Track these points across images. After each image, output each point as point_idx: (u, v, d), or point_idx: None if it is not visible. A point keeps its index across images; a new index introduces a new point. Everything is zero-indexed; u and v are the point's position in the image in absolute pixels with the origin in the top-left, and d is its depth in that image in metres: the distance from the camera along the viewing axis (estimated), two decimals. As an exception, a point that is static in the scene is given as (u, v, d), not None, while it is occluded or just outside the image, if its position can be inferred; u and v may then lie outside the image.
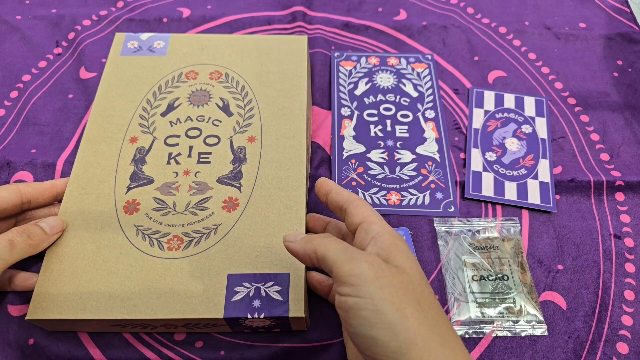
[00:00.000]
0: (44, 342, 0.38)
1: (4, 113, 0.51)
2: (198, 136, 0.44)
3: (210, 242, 0.38)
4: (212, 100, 0.46)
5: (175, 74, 0.48)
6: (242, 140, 0.44)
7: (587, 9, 0.63)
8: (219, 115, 0.45)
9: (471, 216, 0.46)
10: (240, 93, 0.47)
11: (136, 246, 0.38)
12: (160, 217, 0.40)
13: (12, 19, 0.58)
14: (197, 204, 0.40)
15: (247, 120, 0.45)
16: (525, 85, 0.56)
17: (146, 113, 0.45)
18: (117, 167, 0.42)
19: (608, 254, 0.45)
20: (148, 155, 0.43)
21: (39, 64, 0.55)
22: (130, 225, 0.39)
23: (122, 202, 0.40)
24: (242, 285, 0.36)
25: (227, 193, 0.41)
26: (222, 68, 0.49)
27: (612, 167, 0.50)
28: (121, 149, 0.43)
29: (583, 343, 0.40)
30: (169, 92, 0.47)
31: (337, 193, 0.35)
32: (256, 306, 0.35)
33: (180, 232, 0.39)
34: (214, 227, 0.39)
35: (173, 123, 0.45)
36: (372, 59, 0.57)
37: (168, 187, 0.41)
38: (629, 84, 0.56)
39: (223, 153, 0.43)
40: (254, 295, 0.36)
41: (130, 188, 0.41)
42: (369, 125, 0.51)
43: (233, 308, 0.35)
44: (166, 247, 0.38)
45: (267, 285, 0.36)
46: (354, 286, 0.27)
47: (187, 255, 0.38)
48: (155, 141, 0.44)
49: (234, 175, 0.42)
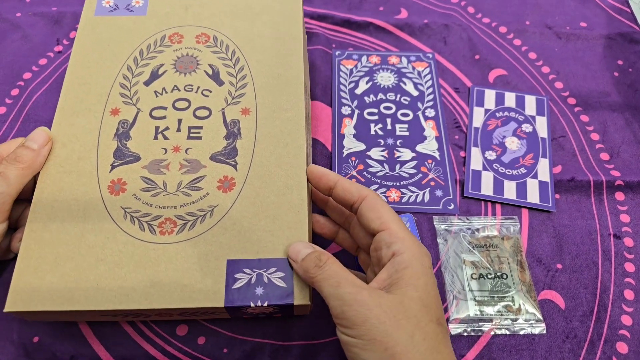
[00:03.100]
0: (48, 340, 0.38)
1: (5, 111, 0.51)
2: (187, 108, 0.40)
3: (206, 225, 0.36)
4: (200, 67, 0.42)
5: (157, 36, 0.44)
6: (235, 112, 0.40)
7: (588, 9, 0.63)
8: (209, 84, 0.41)
9: (471, 214, 0.46)
10: (231, 59, 0.43)
11: (125, 230, 0.35)
12: (150, 198, 0.36)
13: (13, 16, 0.58)
14: (189, 183, 0.37)
15: (240, 90, 0.41)
16: (526, 84, 0.56)
17: (127, 82, 0.41)
18: (99, 142, 0.38)
19: (607, 254, 0.45)
20: (132, 130, 0.39)
21: (40, 61, 0.55)
22: (117, 207, 0.36)
23: (106, 182, 0.37)
24: (242, 271, 0.34)
25: (222, 172, 0.38)
26: (210, 30, 0.44)
27: (612, 167, 0.50)
28: (102, 123, 0.39)
29: (581, 342, 0.40)
30: (151, 57, 0.42)
31: (343, 189, 0.34)
32: (259, 294, 0.33)
33: (173, 214, 0.36)
34: (209, 209, 0.36)
35: (158, 93, 0.41)
36: (373, 58, 0.57)
37: (157, 165, 0.38)
38: (629, 84, 0.56)
39: (215, 127, 0.39)
40: (255, 282, 0.34)
41: (114, 166, 0.37)
42: (369, 123, 0.51)
43: (234, 296, 0.33)
44: (158, 231, 0.35)
45: (270, 272, 0.34)
46: (346, 327, 0.29)
47: (181, 239, 0.35)
48: (139, 113, 0.40)
49: (228, 152, 0.38)
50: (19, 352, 0.38)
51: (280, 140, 0.39)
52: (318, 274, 0.31)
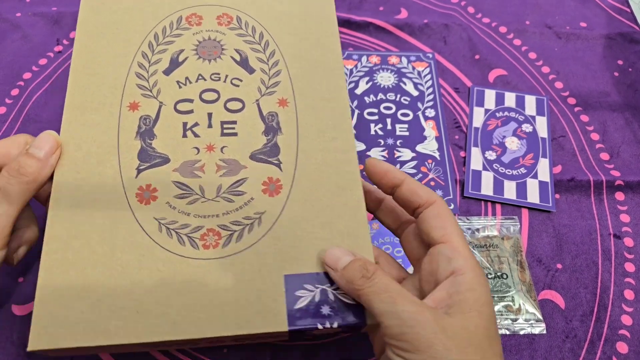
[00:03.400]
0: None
1: (5, 111, 0.51)
2: (216, 100, 0.35)
3: (255, 235, 0.31)
4: (225, 52, 0.37)
5: (172, 18, 0.38)
6: (271, 104, 0.35)
7: (588, 9, 0.63)
8: (238, 72, 0.36)
9: (471, 214, 0.46)
10: (259, 42, 0.38)
11: (162, 245, 0.30)
12: (187, 206, 0.31)
13: (13, 16, 0.58)
14: (230, 187, 0.32)
15: (274, 78, 0.36)
16: (526, 84, 0.56)
17: (144, 70, 0.36)
18: (119, 142, 0.33)
19: (607, 254, 0.45)
20: (157, 126, 0.34)
21: (40, 61, 0.55)
22: (150, 219, 0.31)
23: (133, 189, 0.31)
24: (304, 288, 0.29)
25: (266, 172, 0.33)
26: (232, 10, 0.39)
27: (611, 167, 0.50)
28: (120, 119, 0.34)
29: (581, 342, 0.40)
30: (168, 42, 0.37)
31: (410, 190, 0.30)
32: (325, 313, 0.29)
33: (216, 224, 0.31)
34: (256, 216, 0.31)
35: (181, 84, 0.35)
36: (373, 58, 0.57)
37: (190, 168, 0.33)
38: (629, 84, 0.56)
39: (251, 121, 0.35)
40: (320, 300, 0.29)
41: (140, 170, 0.32)
42: (369, 123, 0.51)
43: (298, 317, 0.29)
44: (200, 244, 0.30)
45: (335, 287, 0.30)
46: (406, 350, 0.26)
47: (229, 253, 0.30)
48: (162, 107, 0.34)
49: (270, 149, 0.34)
50: (19, 352, 0.38)
51: (326, 134, 0.34)
52: (366, 286, 0.27)
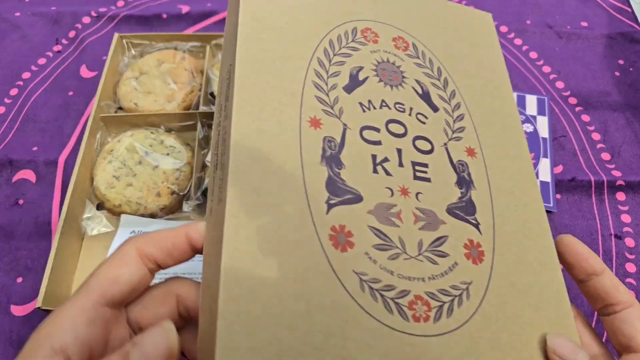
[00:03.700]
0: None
1: (4, 110, 0.51)
2: (404, 135, 0.28)
3: (465, 311, 0.24)
4: (406, 81, 0.30)
5: (347, 27, 0.31)
6: (459, 151, 0.29)
7: (589, 8, 0.63)
8: (422, 107, 0.30)
9: (472, 215, 0.46)
10: (438, 78, 0.31)
11: (367, 310, 0.22)
12: (388, 261, 0.24)
13: (12, 16, 0.58)
14: (432, 245, 0.25)
15: (458, 123, 0.30)
16: (527, 84, 0.55)
17: (322, 81, 0.28)
18: (302, 163, 0.25)
19: (608, 254, 0.45)
20: (343, 154, 0.26)
21: (39, 61, 0.54)
22: (349, 271, 0.23)
23: (325, 228, 0.23)
24: None
25: (465, 233, 0.26)
26: (407, 35, 0.32)
27: (613, 167, 0.50)
28: (300, 135, 0.26)
29: (583, 342, 0.40)
30: (345, 54, 0.30)
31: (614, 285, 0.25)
32: None
33: (423, 290, 0.24)
34: (463, 286, 0.25)
35: (365, 107, 0.28)
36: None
37: (385, 212, 0.25)
38: (630, 84, 0.56)
39: (441, 168, 0.28)
40: None
41: (331, 205, 0.24)
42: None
43: None
44: (410, 315, 0.23)
45: None
46: None
47: (443, 331, 0.23)
48: (347, 131, 0.27)
49: (465, 205, 0.27)
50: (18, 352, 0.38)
51: (519, 199, 0.29)
52: None
